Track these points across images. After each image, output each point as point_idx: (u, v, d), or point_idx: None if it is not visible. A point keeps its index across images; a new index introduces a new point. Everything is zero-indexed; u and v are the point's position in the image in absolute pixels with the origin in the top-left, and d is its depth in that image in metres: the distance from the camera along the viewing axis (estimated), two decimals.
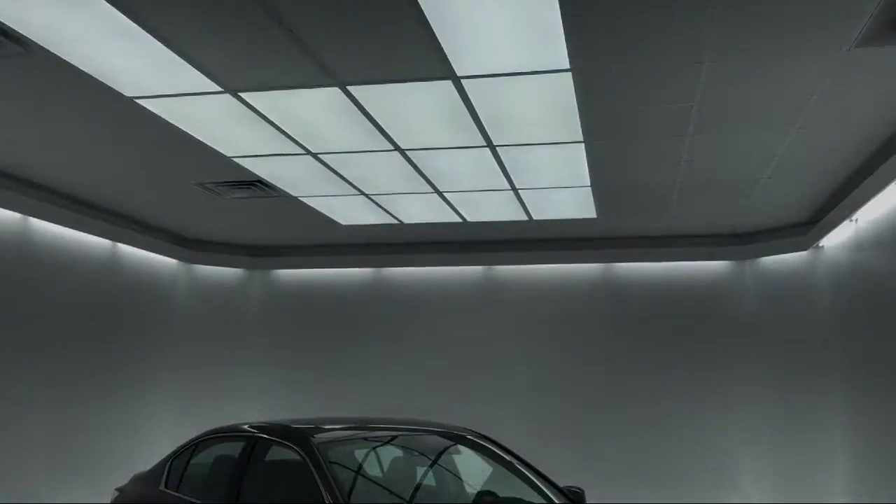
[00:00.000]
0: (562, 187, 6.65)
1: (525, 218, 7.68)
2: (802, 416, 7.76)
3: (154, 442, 7.64)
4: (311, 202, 7.26)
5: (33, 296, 6.94)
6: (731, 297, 8.46)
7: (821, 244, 7.53)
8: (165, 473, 5.64)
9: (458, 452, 5.32)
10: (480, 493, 4.99)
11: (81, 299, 7.52)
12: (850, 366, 6.85)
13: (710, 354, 8.41)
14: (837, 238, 7.14)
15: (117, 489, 6.12)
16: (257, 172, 6.35)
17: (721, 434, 8.26)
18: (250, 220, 8.09)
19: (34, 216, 6.91)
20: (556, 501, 4.80)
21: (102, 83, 4.62)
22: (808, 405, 7.70)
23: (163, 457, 5.98)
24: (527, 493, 4.89)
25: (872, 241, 6.28)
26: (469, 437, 5.31)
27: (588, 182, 6.46)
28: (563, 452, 7.93)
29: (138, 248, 8.32)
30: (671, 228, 8.19)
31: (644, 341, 8.58)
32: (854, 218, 6.52)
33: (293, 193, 6.95)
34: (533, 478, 4.99)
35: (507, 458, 5.17)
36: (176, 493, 5.41)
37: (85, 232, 7.52)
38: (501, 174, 6.25)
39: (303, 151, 5.81)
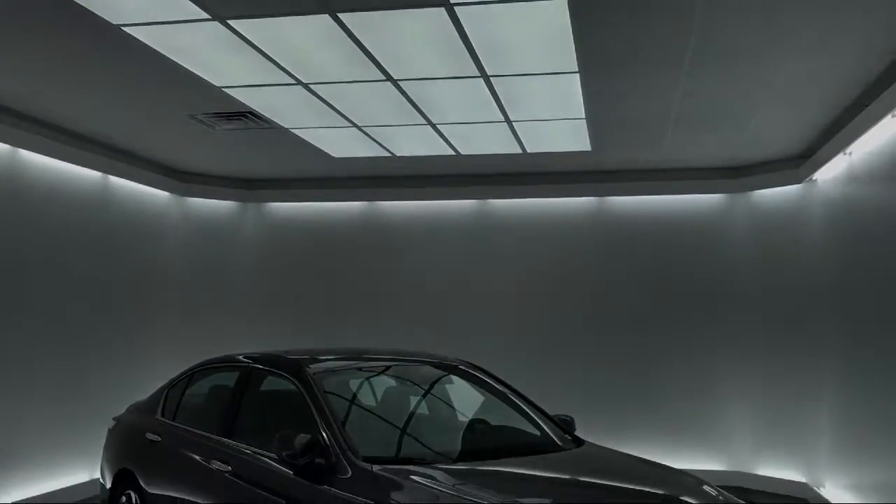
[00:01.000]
0: (556, 119, 6.60)
1: (519, 151, 7.64)
2: (793, 347, 7.87)
3: (149, 372, 7.70)
4: (303, 134, 7.19)
5: (23, 229, 6.90)
6: (724, 229, 8.48)
7: (814, 177, 7.53)
8: (161, 403, 5.73)
9: (451, 382, 5.40)
10: (472, 422, 5.08)
11: (73, 232, 7.49)
12: (841, 297, 6.92)
13: (703, 287, 8.48)
14: (831, 171, 7.13)
15: (115, 418, 6.22)
16: (248, 103, 6.27)
17: (711, 367, 8.38)
18: (242, 152, 8.03)
19: (23, 148, 6.83)
20: (547, 429, 4.90)
21: (88, 10, 4.52)
22: (798, 336, 7.79)
23: (158, 387, 6.06)
24: (518, 421, 4.99)
25: (866, 175, 6.27)
26: (461, 367, 5.38)
27: (583, 114, 6.41)
28: (554, 383, 8.04)
29: (130, 180, 8.25)
30: (665, 162, 8.16)
31: (637, 274, 8.63)
32: (848, 151, 6.50)
33: (284, 125, 6.88)
34: (524, 406, 5.08)
35: (499, 387, 5.25)
36: (172, 422, 5.50)
37: (75, 164, 7.44)
38: (495, 105, 6.19)
39: (293, 82, 5.72)
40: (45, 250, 7.12)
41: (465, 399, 5.29)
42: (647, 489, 4.17)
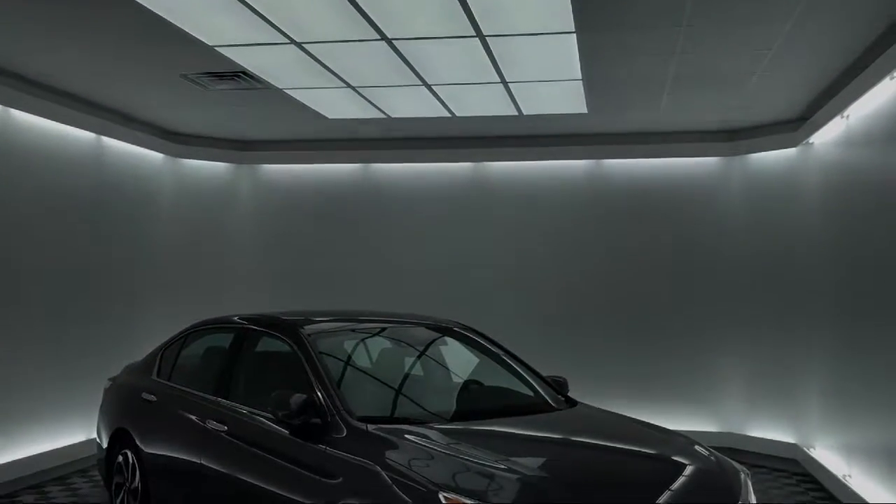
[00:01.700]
0: (553, 81, 6.55)
1: (515, 113, 7.59)
2: (786, 310, 7.91)
3: (145, 333, 7.72)
4: (297, 95, 7.13)
5: (16, 190, 6.84)
6: (721, 193, 8.47)
7: (811, 141, 7.50)
8: (157, 363, 5.76)
9: (446, 344, 5.43)
10: (467, 382, 5.13)
11: (67, 193, 7.44)
12: (836, 261, 6.93)
13: (698, 250, 8.49)
14: (828, 135, 7.10)
15: (110, 379, 6.26)
16: (241, 63, 6.20)
17: (704, 330, 8.42)
18: (237, 113, 7.96)
19: (14, 108, 6.75)
20: (540, 390, 4.95)
21: None
22: (792, 299, 7.83)
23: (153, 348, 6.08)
24: (512, 382, 5.03)
25: (863, 138, 6.25)
26: (456, 329, 5.42)
27: (579, 75, 6.36)
28: (549, 345, 8.10)
29: (123, 141, 8.18)
30: (662, 124, 8.12)
31: (632, 237, 8.62)
32: (845, 114, 6.48)
33: (278, 85, 6.81)
34: (518, 368, 5.13)
35: (493, 349, 5.29)
36: (168, 382, 5.53)
37: (68, 124, 7.37)
38: (491, 66, 6.13)
39: (287, 41, 5.66)
40: (38, 212, 7.08)
41: (460, 360, 5.33)
42: (639, 449, 4.23)
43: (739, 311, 8.30)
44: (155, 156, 8.79)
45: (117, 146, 8.14)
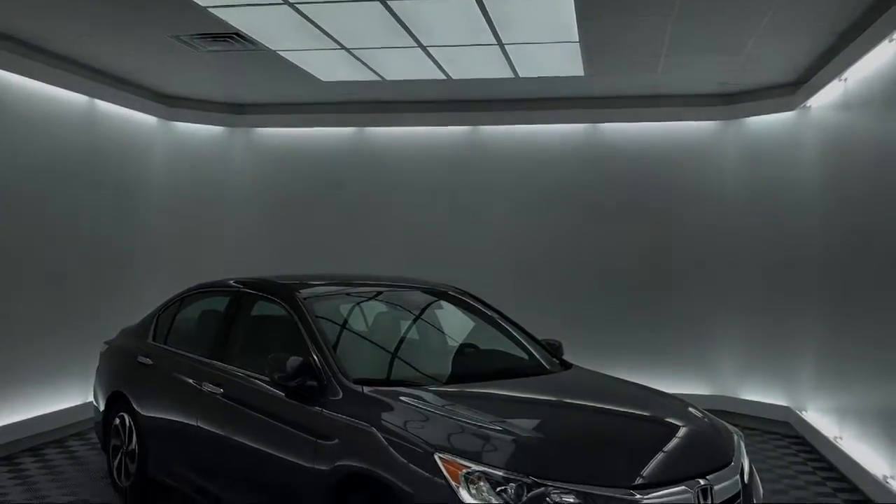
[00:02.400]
0: (549, 42, 6.48)
1: (511, 75, 7.52)
2: (782, 274, 7.92)
3: (139, 298, 7.70)
4: (291, 56, 7.05)
5: (7, 154, 6.76)
6: (717, 157, 8.43)
7: (808, 104, 7.46)
8: (153, 327, 5.77)
9: (441, 308, 5.45)
10: (462, 346, 5.15)
11: (58, 157, 7.36)
12: (832, 226, 6.94)
13: (694, 215, 8.46)
14: (825, 98, 7.05)
15: (106, 343, 6.27)
16: (234, 24, 6.12)
17: (700, 294, 8.44)
18: (230, 75, 7.87)
19: (5, 69, 6.65)
20: (535, 353, 4.97)
21: None
22: (787, 264, 7.84)
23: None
24: (507, 345, 5.06)
25: (861, 101, 6.21)
26: (451, 293, 5.43)
27: (576, 37, 6.29)
28: (544, 309, 8.12)
29: (116, 104, 8.10)
30: (659, 88, 8.06)
31: (628, 203, 8.60)
32: (843, 77, 6.43)
33: (271, 47, 6.74)
34: (512, 331, 5.14)
35: (489, 313, 5.30)
36: (164, 346, 5.55)
37: (60, 87, 7.28)
38: (487, 27, 6.06)
39: (280, 1, 5.58)
40: (30, 176, 7.02)
41: (455, 324, 5.35)
42: (632, 411, 4.26)
43: (734, 274, 8.31)
44: (148, 119, 8.71)
45: (110, 109, 8.05)
